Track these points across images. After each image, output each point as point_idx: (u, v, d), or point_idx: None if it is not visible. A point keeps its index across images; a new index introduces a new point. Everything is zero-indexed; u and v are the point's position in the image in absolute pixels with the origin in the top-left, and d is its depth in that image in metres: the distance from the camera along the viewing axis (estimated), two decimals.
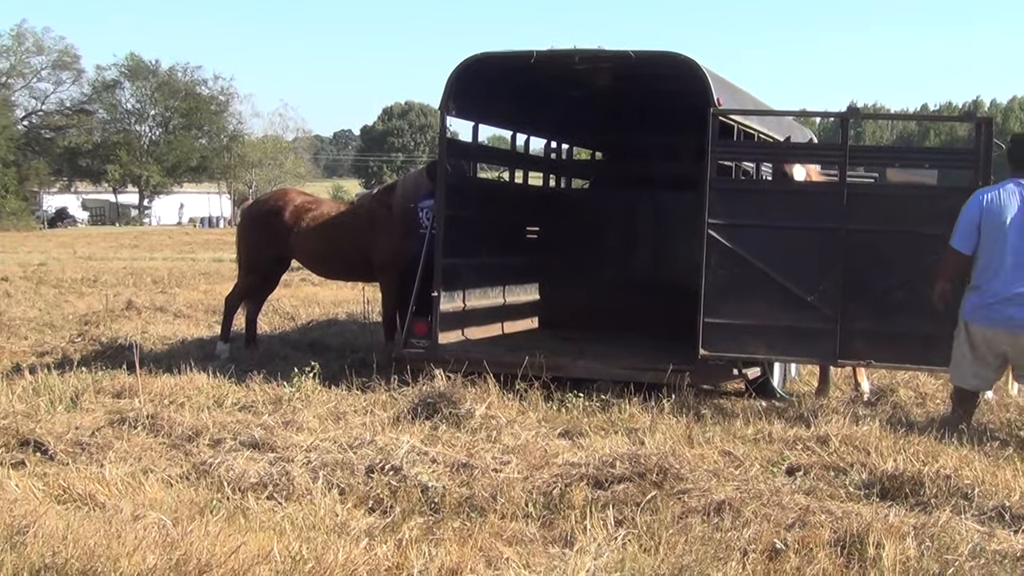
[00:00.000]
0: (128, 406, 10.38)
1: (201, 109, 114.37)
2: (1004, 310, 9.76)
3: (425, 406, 10.21)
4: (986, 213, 9.89)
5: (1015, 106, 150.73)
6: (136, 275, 30.62)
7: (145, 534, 6.42)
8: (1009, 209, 9.80)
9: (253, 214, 15.52)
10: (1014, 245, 9.74)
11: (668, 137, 16.18)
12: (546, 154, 17.38)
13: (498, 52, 12.96)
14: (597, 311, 15.67)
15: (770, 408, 11.01)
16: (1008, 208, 9.81)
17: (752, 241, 11.41)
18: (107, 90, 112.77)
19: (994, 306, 9.81)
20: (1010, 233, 9.76)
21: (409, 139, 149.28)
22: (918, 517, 7.08)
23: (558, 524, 7.09)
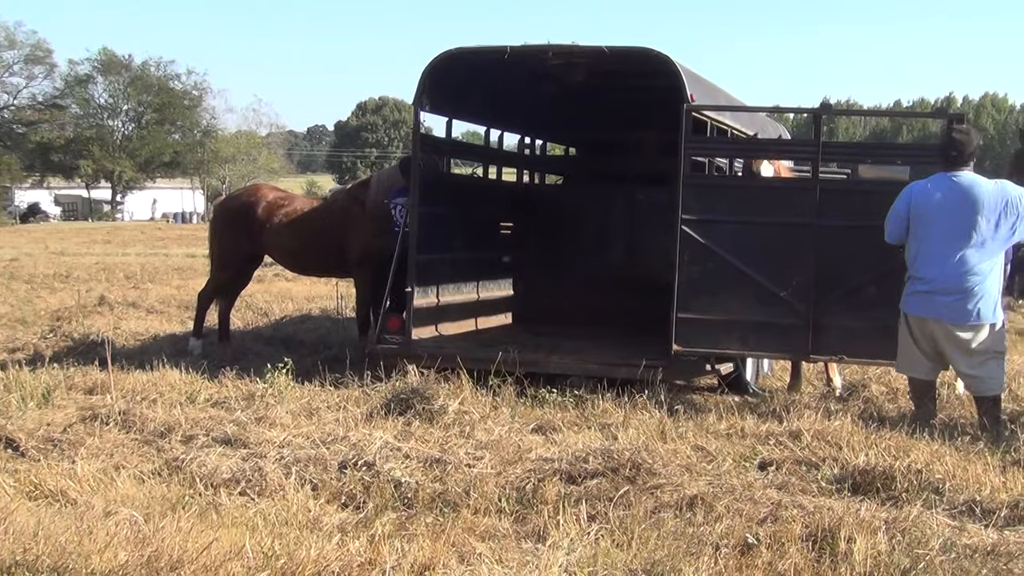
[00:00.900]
0: (100, 402, 10.35)
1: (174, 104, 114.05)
2: (934, 299, 9.86)
3: (398, 402, 10.19)
4: (913, 206, 10.00)
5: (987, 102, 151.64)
6: (108, 271, 30.54)
7: (117, 530, 6.40)
8: (937, 201, 9.88)
9: (225, 210, 15.47)
10: (941, 236, 9.83)
11: (641, 133, 16.20)
12: (520, 150, 17.37)
13: (472, 47, 12.96)
14: (571, 307, 15.69)
15: (743, 403, 11.03)
16: (935, 200, 9.88)
17: (725, 237, 11.44)
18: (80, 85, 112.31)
19: (927, 295, 9.90)
20: (937, 224, 9.85)
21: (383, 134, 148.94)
22: (889, 512, 7.11)
23: (531, 519, 7.10)
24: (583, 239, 16.21)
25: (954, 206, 9.83)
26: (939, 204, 9.88)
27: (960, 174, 9.95)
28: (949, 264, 9.80)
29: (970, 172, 10.00)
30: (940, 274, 9.82)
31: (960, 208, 9.81)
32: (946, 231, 9.82)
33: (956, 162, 9.99)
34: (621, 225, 16.25)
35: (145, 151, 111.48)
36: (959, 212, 9.80)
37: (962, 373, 10.23)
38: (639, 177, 16.23)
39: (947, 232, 9.81)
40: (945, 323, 9.86)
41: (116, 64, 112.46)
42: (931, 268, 9.87)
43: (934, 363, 10.25)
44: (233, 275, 15.02)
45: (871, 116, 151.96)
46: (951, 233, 9.80)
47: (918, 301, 10.00)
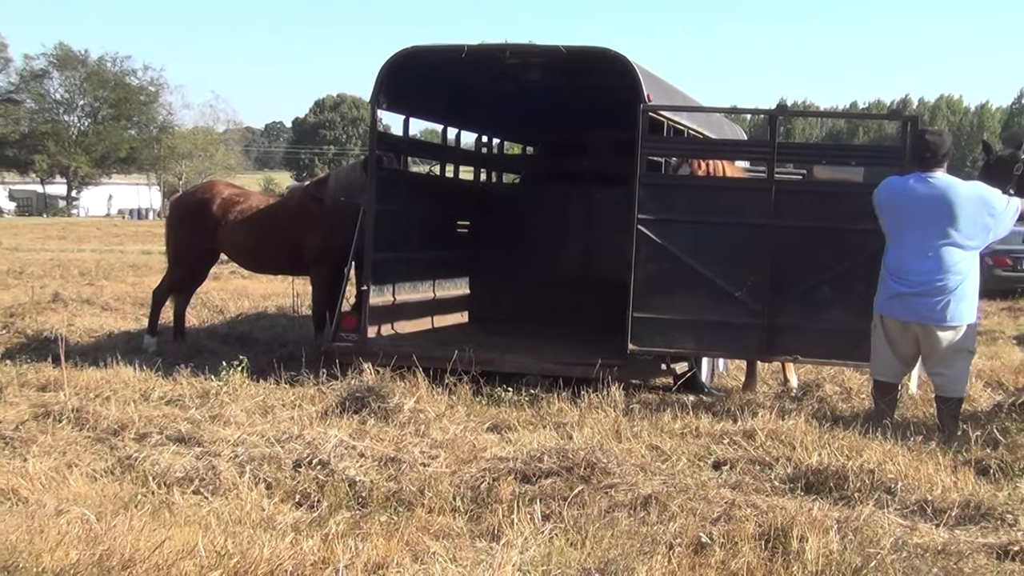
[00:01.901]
0: (53, 400, 10.29)
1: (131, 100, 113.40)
2: (916, 302, 9.90)
3: (353, 400, 10.18)
4: (890, 207, 10.07)
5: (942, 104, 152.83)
6: (63, 267, 30.28)
7: (68, 529, 6.36)
8: (915, 205, 9.94)
9: (181, 207, 15.38)
10: (919, 238, 9.89)
11: (599, 132, 16.23)
12: (477, 148, 17.37)
13: (430, 46, 12.95)
14: (527, 305, 15.73)
15: (698, 403, 11.07)
16: (913, 204, 9.94)
17: (681, 237, 11.49)
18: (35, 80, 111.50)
19: (904, 297, 9.95)
20: (914, 226, 9.90)
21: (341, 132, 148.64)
22: (842, 511, 7.16)
23: (485, 518, 7.10)
24: (540, 238, 16.22)
25: (931, 207, 9.87)
26: (913, 205, 9.92)
27: (935, 175, 10.00)
28: (929, 266, 9.84)
29: (944, 173, 10.06)
30: (921, 277, 9.85)
31: (937, 210, 9.85)
32: (924, 233, 9.86)
33: (929, 163, 10.04)
34: (578, 224, 16.29)
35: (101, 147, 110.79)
36: (936, 214, 9.85)
37: (932, 372, 10.28)
38: (596, 176, 16.26)
39: (925, 234, 9.86)
40: (928, 324, 9.92)
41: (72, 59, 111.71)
42: (911, 271, 9.90)
43: (905, 366, 10.37)
44: (188, 272, 14.94)
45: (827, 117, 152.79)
46: (929, 235, 9.84)
47: (897, 304, 10.03)
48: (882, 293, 10.18)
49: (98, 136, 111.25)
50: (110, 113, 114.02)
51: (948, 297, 9.83)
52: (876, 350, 10.32)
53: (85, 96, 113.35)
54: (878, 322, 10.24)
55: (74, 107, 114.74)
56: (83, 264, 31.92)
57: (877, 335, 10.27)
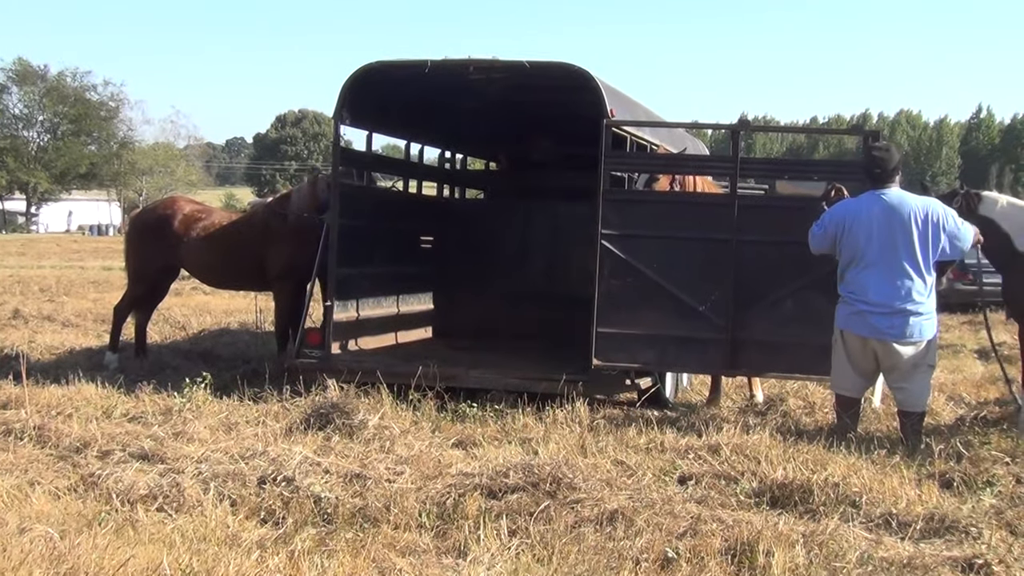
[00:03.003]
0: (14, 417, 10.20)
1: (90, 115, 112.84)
2: (870, 319, 9.95)
3: (318, 417, 10.14)
4: (847, 224, 10.08)
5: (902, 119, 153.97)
6: (23, 283, 30.13)
7: (32, 547, 6.31)
8: (867, 221, 9.99)
9: (141, 223, 15.28)
10: (874, 256, 9.94)
11: (562, 147, 16.28)
12: (440, 164, 17.38)
13: (392, 61, 12.94)
14: (491, 321, 15.72)
15: (662, 418, 11.08)
16: (866, 220, 10.00)
17: (644, 251, 11.52)
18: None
19: (863, 315, 9.99)
20: (869, 244, 9.96)
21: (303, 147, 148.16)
22: (807, 525, 7.18)
23: (452, 534, 7.08)
24: (504, 253, 16.25)
25: (887, 224, 9.91)
26: (870, 224, 9.96)
27: (888, 191, 10.05)
28: (889, 284, 9.88)
29: (897, 188, 10.11)
30: (880, 297, 9.89)
31: (892, 226, 9.90)
32: (881, 250, 9.90)
33: (881, 179, 10.10)
34: (542, 239, 16.30)
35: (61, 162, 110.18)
36: (892, 230, 9.90)
37: (894, 387, 10.32)
38: (559, 192, 16.26)
39: (883, 251, 9.90)
40: (887, 341, 9.96)
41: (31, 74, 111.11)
42: (872, 289, 9.94)
43: (866, 380, 10.42)
44: (149, 288, 14.85)
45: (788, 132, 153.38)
46: (887, 252, 9.89)
47: (858, 320, 10.06)
48: (842, 309, 10.22)
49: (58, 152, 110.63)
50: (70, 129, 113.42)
51: (910, 314, 9.88)
52: (836, 365, 10.36)
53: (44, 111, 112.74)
54: (838, 336, 10.28)
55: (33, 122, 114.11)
56: (43, 280, 31.74)
57: (837, 350, 10.31)
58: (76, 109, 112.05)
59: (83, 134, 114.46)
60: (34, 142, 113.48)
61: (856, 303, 10.04)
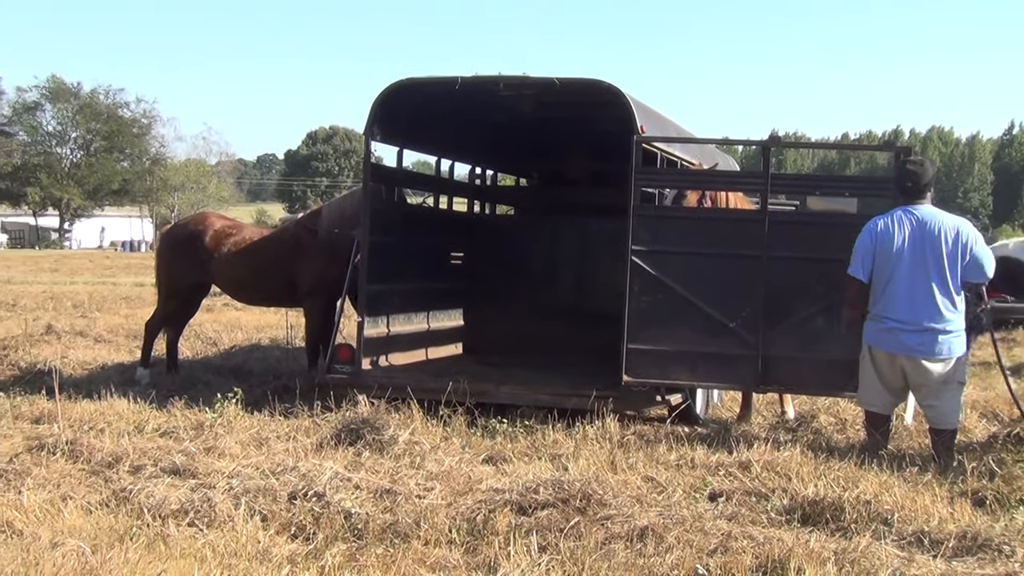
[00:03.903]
0: (47, 432, 10.26)
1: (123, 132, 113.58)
2: (900, 336, 9.89)
3: (348, 432, 10.15)
4: (878, 242, 10.02)
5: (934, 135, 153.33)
6: (56, 299, 30.26)
7: (64, 562, 6.34)
8: (898, 237, 9.94)
9: (172, 238, 15.37)
10: (904, 273, 9.88)
11: (592, 163, 16.28)
12: (471, 180, 17.40)
13: (423, 78, 12.96)
14: (521, 337, 15.69)
15: (693, 434, 11.04)
16: (897, 236, 9.94)
17: (675, 268, 11.49)
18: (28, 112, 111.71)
19: (893, 332, 9.94)
20: (900, 261, 9.90)
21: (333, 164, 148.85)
22: (839, 542, 7.14)
23: (482, 550, 7.08)
24: (534, 269, 16.25)
25: (917, 241, 9.85)
26: (903, 240, 9.91)
27: (919, 207, 9.99)
28: (919, 301, 9.81)
29: (928, 204, 10.06)
30: (910, 314, 9.82)
31: (923, 243, 9.84)
32: (912, 267, 9.84)
33: (912, 193, 10.04)
34: (572, 256, 16.28)
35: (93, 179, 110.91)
36: (923, 247, 9.83)
37: (924, 404, 10.25)
38: (590, 208, 16.26)
39: (913, 268, 9.84)
40: (917, 358, 9.91)
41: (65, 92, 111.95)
42: (901, 306, 9.87)
43: (896, 398, 10.34)
44: (180, 304, 14.94)
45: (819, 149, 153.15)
46: (917, 269, 9.83)
47: (887, 337, 9.99)
48: (870, 325, 10.15)
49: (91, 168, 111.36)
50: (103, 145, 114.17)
51: (939, 332, 9.81)
52: (864, 381, 10.31)
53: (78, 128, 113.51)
54: (866, 353, 10.23)
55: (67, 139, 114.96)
56: (76, 296, 31.88)
57: (865, 366, 10.25)
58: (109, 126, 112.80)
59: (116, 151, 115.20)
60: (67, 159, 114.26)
61: (886, 320, 9.98)
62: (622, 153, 11.70)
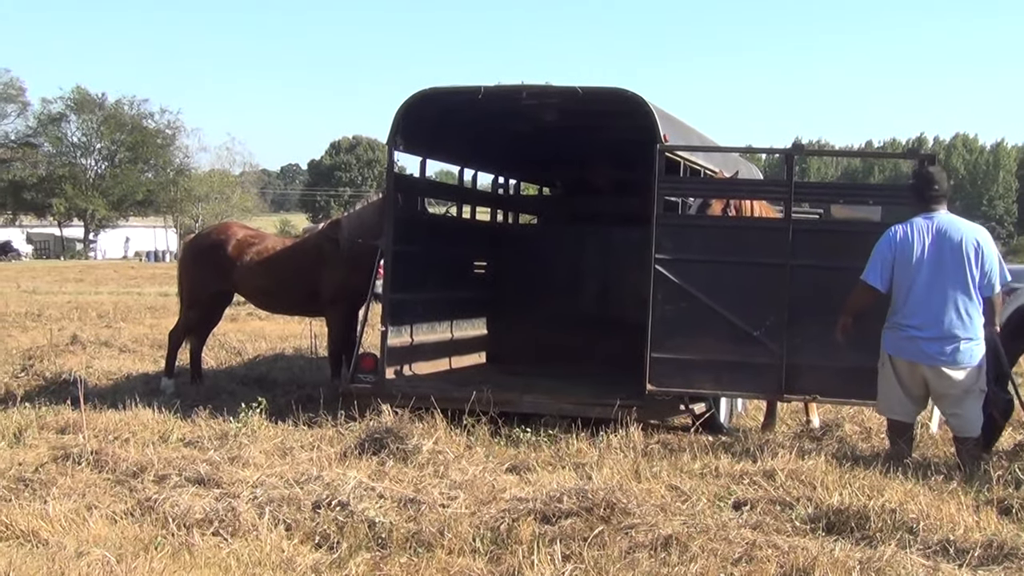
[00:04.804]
0: (72, 442, 10.30)
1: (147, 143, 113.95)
2: (921, 345, 9.86)
3: (372, 441, 10.17)
4: (898, 251, 10.00)
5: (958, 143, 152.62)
6: (81, 309, 30.38)
7: (89, 571, 6.37)
8: (918, 246, 9.91)
9: (195, 248, 15.42)
10: (924, 281, 9.86)
11: (615, 172, 16.28)
12: (494, 189, 17.42)
13: (446, 87, 12.99)
14: (545, 346, 15.70)
15: (717, 443, 11.02)
16: (917, 245, 9.92)
17: (698, 276, 11.48)
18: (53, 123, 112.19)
19: (914, 340, 9.90)
20: (920, 270, 9.87)
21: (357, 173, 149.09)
22: (864, 551, 7.12)
23: (506, 559, 7.08)
24: (557, 278, 16.24)
25: (937, 249, 9.85)
26: (922, 249, 9.89)
27: (937, 215, 9.98)
28: (938, 310, 9.79)
29: (946, 212, 10.05)
30: (929, 321, 9.81)
31: (941, 251, 9.83)
32: (932, 276, 9.83)
33: (931, 201, 10.03)
34: (595, 264, 16.29)
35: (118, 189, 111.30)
36: (941, 255, 9.82)
37: (947, 413, 10.22)
38: (613, 217, 16.26)
39: (933, 276, 9.82)
40: (937, 366, 9.86)
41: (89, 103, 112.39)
42: (922, 315, 9.85)
43: (916, 405, 10.28)
44: (203, 313, 14.97)
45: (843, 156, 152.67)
46: (935, 277, 9.81)
47: (908, 346, 9.96)
48: (890, 334, 10.12)
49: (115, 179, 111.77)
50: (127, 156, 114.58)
51: (959, 340, 9.79)
52: (884, 389, 10.27)
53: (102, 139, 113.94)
54: (886, 361, 10.19)
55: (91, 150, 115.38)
56: (101, 306, 32.01)
57: (886, 374, 10.21)
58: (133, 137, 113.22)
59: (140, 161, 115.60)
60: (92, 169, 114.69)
61: (907, 328, 9.94)
62: (645, 162, 11.70)
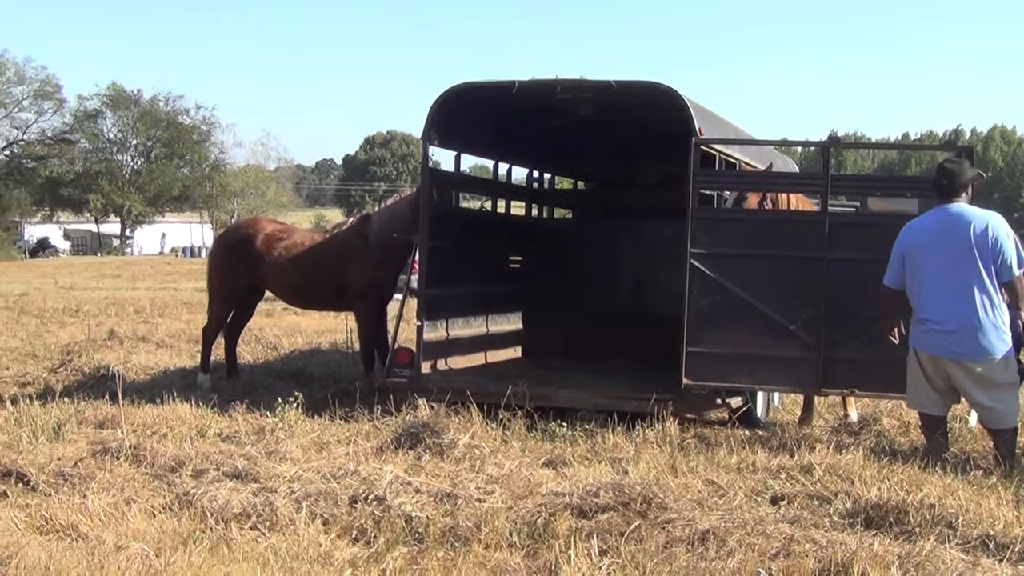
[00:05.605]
0: (111, 436, 10.34)
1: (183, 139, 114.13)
2: (939, 339, 9.79)
3: (408, 436, 10.18)
4: (908, 246, 9.96)
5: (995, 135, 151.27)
6: (118, 305, 30.52)
7: (128, 565, 6.40)
8: (931, 239, 9.85)
9: (224, 243, 15.48)
10: (934, 274, 9.78)
11: (650, 166, 16.25)
12: (528, 183, 17.41)
13: (480, 82, 12.99)
14: (580, 340, 15.68)
15: (754, 437, 11.00)
16: (929, 238, 9.86)
17: (734, 270, 11.44)
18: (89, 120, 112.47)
19: (933, 334, 9.83)
20: (931, 262, 9.81)
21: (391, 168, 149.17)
22: (902, 546, 7.07)
23: (542, 554, 7.08)
24: (592, 272, 16.22)
25: (944, 240, 9.76)
26: (930, 240, 9.82)
27: (949, 207, 9.90)
28: (950, 302, 9.71)
29: (961, 203, 9.94)
30: (944, 314, 9.72)
31: (949, 242, 9.74)
32: (941, 268, 9.74)
33: (947, 192, 9.92)
34: (630, 258, 16.26)
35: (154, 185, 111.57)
36: (949, 246, 9.73)
37: (979, 406, 10.14)
38: (648, 210, 16.23)
39: (942, 269, 9.74)
40: (959, 360, 9.79)
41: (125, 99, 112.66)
42: (934, 308, 9.78)
43: (946, 399, 10.17)
44: (233, 308, 15.03)
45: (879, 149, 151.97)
46: (946, 269, 9.72)
47: (928, 340, 9.89)
48: (914, 328, 10.07)
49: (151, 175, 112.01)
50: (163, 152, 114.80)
51: (974, 332, 9.66)
52: (913, 383, 10.20)
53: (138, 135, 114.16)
54: (913, 355, 10.13)
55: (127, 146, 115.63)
56: (138, 302, 32.15)
57: (912, 368, 10.15)
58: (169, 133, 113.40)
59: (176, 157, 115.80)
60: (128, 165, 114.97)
61: (926, 323, 9.87)
62: (680, 155, 11.67)
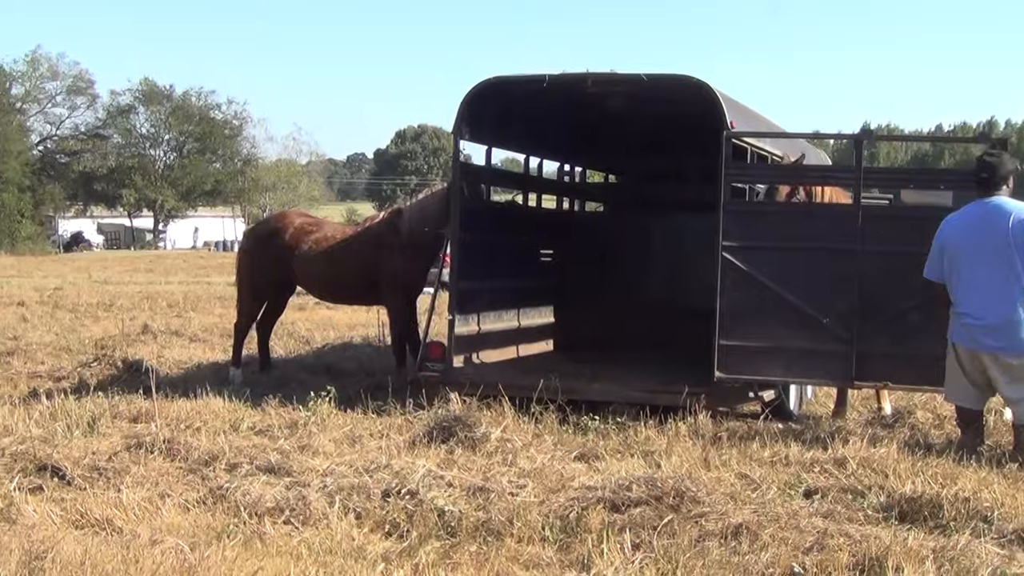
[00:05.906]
0: (145, 431, 10.38)
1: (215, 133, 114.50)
2: (976, 334, 9.77)
3: (441, 430, 10.19)
4: (947, 240, 9.93)
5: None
6: (151, 299, 30.66)
7: (163, 559, 6.42)
8: (969, 233, 9.82)
9: (254, 237, 15.51)
10: (970, 268, 9.78)
11: (681, 159, 16.21)
12: (559, 177, 17.39)
13: (511, 76, 12.99)
14: (612, 333, 15.67)
15: (787, 430, 10.95)
16: (968, 232, 9.83)
17: (767, 263, 11.41)
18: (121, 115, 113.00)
19: (969, 328, 9.81)
20: (968, 255, 9.78)
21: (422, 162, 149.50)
22: (937, 540, 7.03)
23: (575, 548, 7.07)
24: (624, 266, 16.20)
25: (981, 234, 9.76)
26: (968, 234, 9.82)
27: (990, 200, 9.86)
28: (988, 296, 9.69)
29: (1001, 196, 9.90)
30: (982, 308, 9.71)
31: (986, 235, 9.73)
32: (978, 261, 9.73)
33: (987, 185, 9.90)
34: (662, 252, 16.24)
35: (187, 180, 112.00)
36: (986, 239, 9.73)
37: (1009, 400, 10.09)
38: (679, 203, 16.19)
39: (980, 262, 9.72)
40: (994, 353, 9.74)
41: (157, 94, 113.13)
42: (973, 303, 9.77)
43: (983, 392, 10.13)
44: (263, 303, 15.04)
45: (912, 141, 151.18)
46: (983, 263, 9.71)
47: (965, 334, 9.87)
48: (952, 321, 10.04)
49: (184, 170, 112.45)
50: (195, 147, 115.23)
51: (1014, 326, 9.65)
52: (950, 376, 10.19)
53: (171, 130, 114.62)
54: (951, 349, 10.09)
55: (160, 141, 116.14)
56: (171, 296, 32.27)
57: (950, 362, 10.13)
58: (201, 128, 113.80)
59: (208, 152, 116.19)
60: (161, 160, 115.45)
61: (963, 316, 9.85)
62: (711, 149, 11.63)
